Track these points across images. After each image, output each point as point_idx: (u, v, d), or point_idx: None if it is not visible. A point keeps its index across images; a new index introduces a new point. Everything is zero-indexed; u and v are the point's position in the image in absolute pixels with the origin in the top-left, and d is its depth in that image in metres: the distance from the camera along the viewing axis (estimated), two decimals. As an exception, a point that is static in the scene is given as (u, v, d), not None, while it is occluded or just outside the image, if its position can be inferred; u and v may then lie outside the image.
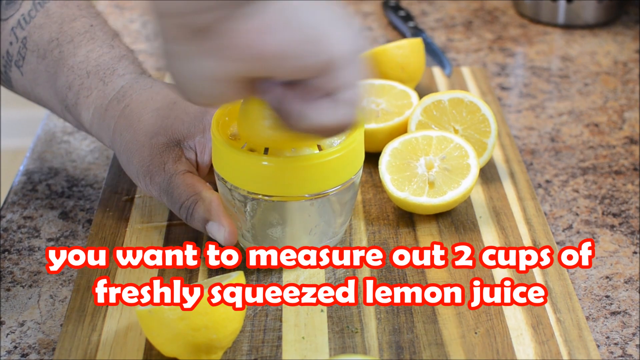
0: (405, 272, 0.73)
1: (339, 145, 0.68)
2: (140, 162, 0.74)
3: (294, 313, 0.69)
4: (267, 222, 0.70)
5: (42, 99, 0.82)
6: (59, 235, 0.80)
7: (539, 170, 0.89)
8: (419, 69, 0.94)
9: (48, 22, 0.80)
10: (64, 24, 0.81)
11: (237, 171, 0.69)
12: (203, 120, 0.75)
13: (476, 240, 0.76)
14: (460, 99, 0.83)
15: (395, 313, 0.69)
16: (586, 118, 0.97)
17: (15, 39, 0.80)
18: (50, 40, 0.80)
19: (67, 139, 0.94)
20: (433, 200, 0.76)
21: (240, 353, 0.66)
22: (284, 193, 0.68)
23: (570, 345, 0.66)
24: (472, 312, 0.69)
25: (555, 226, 0.81)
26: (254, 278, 0.72)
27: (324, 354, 0.66)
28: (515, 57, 1.11)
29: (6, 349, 0.68)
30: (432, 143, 0.79)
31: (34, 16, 0.81)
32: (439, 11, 1.22)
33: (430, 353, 0.65)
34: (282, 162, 0.67)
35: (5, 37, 0.81)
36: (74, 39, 0.80)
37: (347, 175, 0.70)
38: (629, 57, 1.10)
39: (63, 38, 0.80)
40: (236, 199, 0.70)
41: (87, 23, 0.81)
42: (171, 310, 0.62)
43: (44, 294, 0.74)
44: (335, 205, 0.71)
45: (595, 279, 0.75)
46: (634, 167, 0.89)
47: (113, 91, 0.78)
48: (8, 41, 0.81)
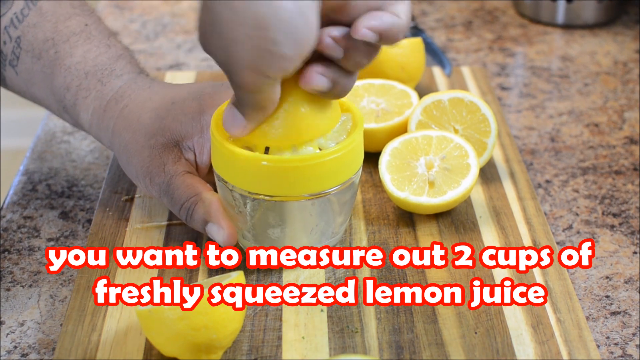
0: (405, 272, 0.73)
1: (339, 145, 0.68)
2: (139, 163, 0.74)
3: (294, 313, 0.69)
4: (267, 222, 0.70)
5: (38, 99, 0.82)
6: (59, 235, 0.80)
7: (539, 170, 0.89)
8: (419, 69, 0.94)
9: (42, 21, 0.80)
10: (58, 23, 0.80)
11: (236, 171, 0.69)
12: (201, 120, 0.74)
13: (476, 240, 0.76)
14: (460, 98, 0.83)
15: (395, 313, 0.69)
16: (586, 118, 0.97)
17: (9, 38, 0.80)
18: (45, 40, 0.80)
19: (67, 139, 0.94)
20: (433, 200, 0.76)
21: (240, 353, 0.66)
22: (284, 193, 0.68)
23: (570, 345, 0.66)
24: (472, 312, 0.69)
25: (555, 226, 0.81)
26: (254, 278, 0.72)
27: (324, 354, 0.66)
28: (515, 57, 1.11)
29: (6, 348, 0.68)
30: (432, 143, 0.79)
31: (27, 15, 0.80)
32: (439, 11, 1.22)
33: (430, 353, 0.65)
34: (282, 162, 0.67)
35: None
36: (70, 39, 0.80)
37: (347, 175, 0.70)
38: (629, 57, 1.10)
39: (58, 38, 0.80)
40: (236, 199, 0.70)
41: (82, 22, 0.81)
42: (171, 310, 0.62)
43: (44, 294, 0.74)
44: (334, 205, 0.71)
45: (595, 279, 0.75)
46: (634, 167, 0.89)
47: (111, 92, 0.77)
48: (2, 40, 0.80)
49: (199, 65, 1.09)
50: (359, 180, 0.73)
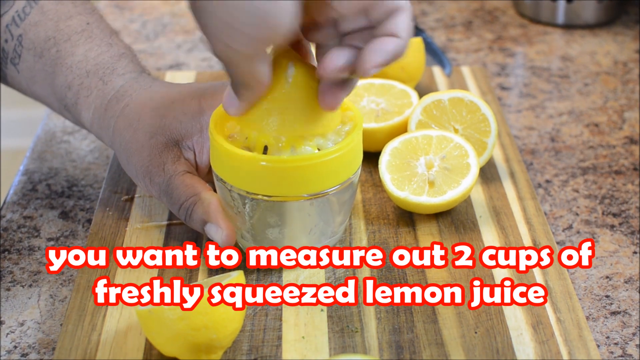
0: (405, 272, 0.73)
1: (337, 145, 0.68)
2: (139, 162, 0.74)
3: (294, 313, 0.69)
4: (266, 222, 0.70)
5: (39, 97, 0.82)
6: (59, 235, 0.80)
7: (539, 170, 0.89)
8: (419, 69, 0.94)
9: (43, 19, 0.80)
10: (59, 21, 0.80)
11: (235, 171, 0.68)
12: (200, 120, 0.74)
13: (476, 240, 0.76)
14: (460, 98, 0.83)
15: (395, 313, 0.69)
16: (586, 118, 0.97)
17: (11, 36, 0.80)
18: (47, 38, 0.80)
19: (67, 138, 0.94)
20: (433, 200, 0.76)
21: (240, 353, 0.66)
22: (283, 193, 0.68)
23: (570, 345, 0.66)
24: (472, 312, 0.69)
25: (555, 226, 0.81)
26: (254, 278, 0.72)
27: (324, 354, 0.66)
28: (515, 57, 1.11)
29: (6, 348, 0.68)
30: (432, 142, 0.79)
31: (29, 13, 0.80)
32: (439, 11, 1.22)
33: (430, 353, 0.65)
34: (281, 162, 0.67)
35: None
36: (71, 38, 0.80)
37: (346, 175, 0.70)
38: (629, 57, 1.10)
39: (60, 36, 0.80)
40: (235, 199, 0.70)
41: (83, 21, 0.81)
42: (171, 310, 0.62)
43: (44, 294, 0.74)
44: (334, 204, 0.71)
45: (595, 279, 0.75)
46: (634, 167, 0.89)
47: (112, 90, 0.77)
48: (3, 38, 0.80)
49: (199, 65, 1.09)
50: (359, 180, 0.73)
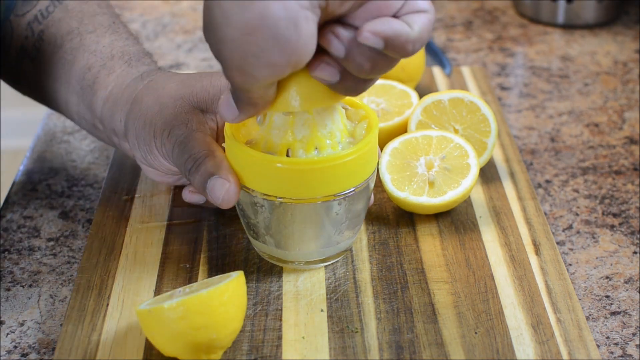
0: (405, 272, 0.73)
1: (354, 147, 0.67)
2: (160, 119, 0.72)
3: (294, 313, 0.69)
4: (281, 224, 0.70)
5: (48, 91, 0.81)
6: (59, 235, 0.80)
7: (539, 170, 0.89)
8: (419, 69, 0.94)
9: (67, 16, 0.80)
10: (84, 18, 0.80)
11: (252, 173, 0.68)
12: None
13: (476, 240, 0.76)
14: (460, 98, 0.83)
15: (395, 313, 0.69)
16: (586, 118, 0.97)
17: (32, 32, 0.80)
18: (70, 30, 0.79)
19: (67, 138, 0.94)
20: (433, 200, 0.76)
21: (240, 353, 0.66)
22: (298, 195, 0.68)
23: (570, 345, 0.66)
24: (472, 312, 0.69)
25: (555, 226, 0.81)
26: (254, 278, 0.72)
27: (324, 354, 0.66)
28: (515, 57, 1.11)
29: (6, 348, 0.68)
30: (432, 143, 0.79)
31: (52, 11, 0.80)
32: (439, 11, 1.22)
33: (430, 353, 0.65)
34: (296, 164, 0.66)
35: (20, 32, 0.81)
36: (97, 30, 0.79)
37: (362, 177, 0.69)
38: (629, 57, 1.10)
39: (84, 29, 0.79)
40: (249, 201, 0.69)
41: (109, 19, 0.81)
42: (171, 310, 0.62)
43: (44, 294, 0.74)
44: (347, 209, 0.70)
45: (595, 279, 0.75)
46: (634, 167, 0.89)
47: (137, 73, 0.77)
48: (23, 35, 0.80)
49: (199, 65, 1.09)
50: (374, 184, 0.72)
